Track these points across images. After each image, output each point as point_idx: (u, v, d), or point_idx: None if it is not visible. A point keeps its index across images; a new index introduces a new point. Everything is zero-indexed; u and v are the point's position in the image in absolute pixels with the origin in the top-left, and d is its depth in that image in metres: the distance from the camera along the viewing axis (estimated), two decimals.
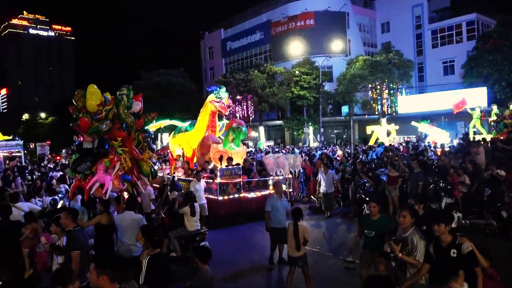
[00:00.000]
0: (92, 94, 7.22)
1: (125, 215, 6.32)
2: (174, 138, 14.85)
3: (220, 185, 11.10)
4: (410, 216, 4.69)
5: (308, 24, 38.85)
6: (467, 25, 35.29)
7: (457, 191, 9.78)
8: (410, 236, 4.56)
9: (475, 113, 20.89)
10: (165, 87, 40.77)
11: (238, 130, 12.33)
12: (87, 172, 7.33)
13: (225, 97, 13.02)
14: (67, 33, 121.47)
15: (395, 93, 34.91)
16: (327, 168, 12.03)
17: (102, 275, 3.03)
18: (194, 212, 7.78)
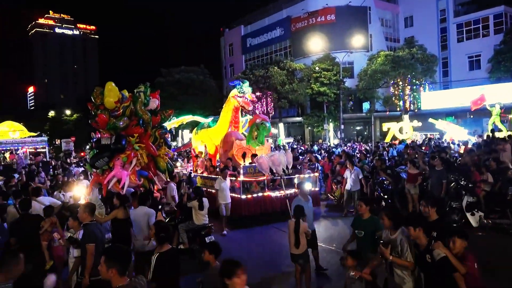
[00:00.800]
0: (110, 91, 7.36)
1: (138, 210, 6.47)
2: (197, 135, 14.57)
3: (243, 183, 10.71)
4: (387, 219, 4.66)
5: (328, 19, 38.40)
6: (494, 18, 34.09)
7: (479, 189, 9.48)
8: (398, 237, 4.48)
9: (495, 109, 20.35)
10: (185, 84, 41.16)
11: (262, 126, 11.86)
12: (105, 167, 7.48)
13: (248, 91, 12.58)
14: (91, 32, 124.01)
15: (418, 89, 34.11)
16: (353, 165, 11.63)
17: (111, 269, 3.08)
18: (203, 207, 8.02)
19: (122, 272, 3.14)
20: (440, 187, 10.13)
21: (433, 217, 4.86)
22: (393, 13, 41.29)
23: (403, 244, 4.39)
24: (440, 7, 37.82)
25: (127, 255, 3.31)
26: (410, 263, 4.35)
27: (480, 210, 9.18)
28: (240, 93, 12.48)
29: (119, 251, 3.34)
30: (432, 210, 4.88)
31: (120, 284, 3.11)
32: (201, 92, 41.70)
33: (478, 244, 8.39)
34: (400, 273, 4.43)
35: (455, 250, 3.95)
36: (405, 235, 4.47)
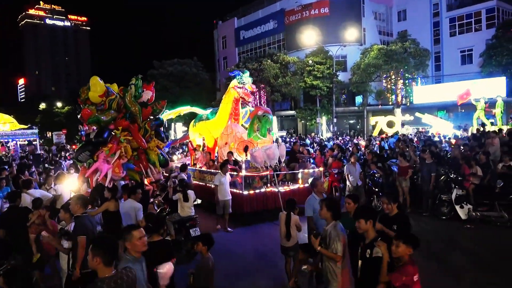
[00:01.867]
0: (94, 85, 7.38)
1: (126, 202, 6.50)
2: (195, 127, 14.03)
3: (246, 179, 10.21)
4: (326, 209, 4.58)
5: (322, 12, 38.31)
6: (486, 12, 34.26)
7: (468, 182, 9.61)
8: (329, 229, 4.47)
9: (479, 104, 20.65)
10: (178, 77, 40.94)
11: (265, 118, 11.29)
12: (90, 161, 7.48)
13: (248, 82, 12.02)
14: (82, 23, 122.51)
15: (410, 83, 34.28)
16: (356, 160, 11.34)
17: (96, 257, 3.09)
18: (187, 199, 8.14)
19: (107, 262, 3.13)
20: (430, 180, 10.27)
21: (394, 212, 4.96)
22: (386, 7, 41.29)
23: (331, 236, 4.37)
24: (434, 1, 37.90)
25: (113, 245, 3.26)
26: (336, 256, 4.31)
27: (469, 203, 9.32)
28: (240, 83, 11.97)
29: (106, 240, 3.33)
30: (394, 205, 4.95)
31: (106, 275, 3.08)
32: (194, 85, 41.52)
33: (467, 236, 8.55)
34: (328, 264, 4.43)
35: (396, 255, 3.76)
36: (338, 227, 4.44)
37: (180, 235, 7.99)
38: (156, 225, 4.55)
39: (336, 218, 4.56)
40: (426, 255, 7.40)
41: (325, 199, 4.91)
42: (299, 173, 11.04)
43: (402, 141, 15.89)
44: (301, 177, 10.97)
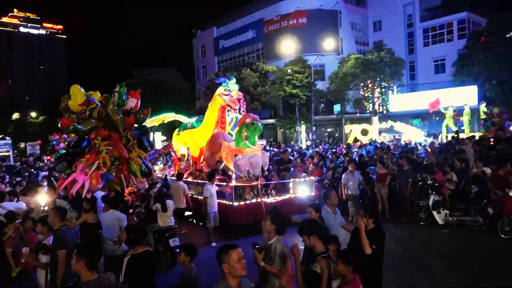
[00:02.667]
0: (74, 94, 7.21)
1: (109, 213, 6.38)
2: (179, 136, 13.61)
3: (236, 189, 9.78)
4: (270, 222, 4.35)
5: (300, 22, 38.87)
6: (458, 23, 35.53)
7: (444, 188, 9.88)
8: (273, 243, 4.26)
9: (448, 112, 21.56)
10: (157, 86, 40.64)
11: (253, 126, 10.82)
12: (69, 171, 7.32)
13: (234, 89, 11.81)
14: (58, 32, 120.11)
15: (386, 91, 35.08)
16: (354, 168, 11.06)
17: (80, 261, 3.37)
18: (166, 209, 8.09)
19: (91, 267, 3.41)
20: (407, 186, 10.53)
21: (370, 227, 4.74)
22: (362, 17, 42.28)
23: (276, 252, 4.19)
24: (407, 12, 39.05)
25: (96, 251, 3.59)
26: (279, 272, 4.13)
27: (446, 208, 9.58)
28: (226, 91, 11.74)
29: (88, 246, 3.70)
30: (370, 220, 4.75)
31: (89, 279, 3.36)
32: (174, 94, 41.29)
33: (444, 241, 8.77)
34: (273, 280, 4.20)
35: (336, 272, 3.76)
36: (282, 242, 4.27)
37: (159, 245, 7.92)
38: (139, 236, 4.48)
39: (280, 233, 4.35)
40: (405, 259, 7.55)
41: (270, 211, 4.66)
42: (290, 183, 10.78)
43: (380, 149, 16.20)
44: (292, 186, 10.72)
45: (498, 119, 18.41)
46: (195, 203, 10.59)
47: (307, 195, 10.63)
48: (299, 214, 10.23)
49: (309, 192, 10.77)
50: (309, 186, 10.88)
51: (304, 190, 10.64)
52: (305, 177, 11.28)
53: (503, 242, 8.32)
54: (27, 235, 6.08)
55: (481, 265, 7.16)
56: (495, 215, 8.80)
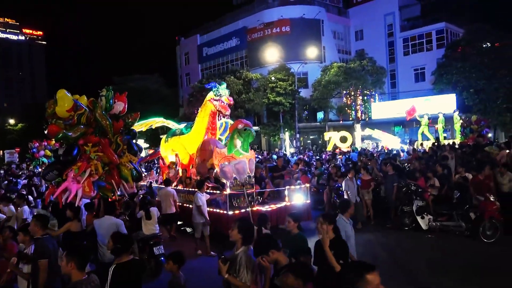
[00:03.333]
0: (61, 99, 6.94)
1: (104, 220, 6.24)
2: (167, 143, 13.14)
3: (230, 197, 9.30)
4: (237, 231, 4.14)
5: (283, 31, 39.26)
6: (436, 33, 36.52)
7: (427, 194, 10.03)
8: (240, 254, 4.06)
9: (423, 120, 22.41)
10: (140, 93, 40.30)
11: (246, 132, 10.37)
12: (59, 179, 7.10)
13: (225, 94, 11.45)
14: (38, 37, 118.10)
15: (368, 99, 35.66)
16: (354, 174, 10.87)
17: (70, 262, 3.50)
18: (150, 216, 8.00)
19: (81, 267, 3.56)
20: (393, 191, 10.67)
21: (330, 236, 4.44)
22: (344, 27, 43.02)
23: (241, 263, 3.98)
24: (388, 22, 39.93)
25: (86, 251, 3.77)
26: (244, 285, 3.91)
27: (429, 213, 9.71)
28: (217, 96, 11.39)
29: (78, 246, 3.77)
30: (329, 227, 4.47)
31: (80, 279, 3.51)
32: (157, 101, 41.02)
33: (428, 246, 8.89)
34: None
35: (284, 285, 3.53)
36: (249, 254, 4.06)
37: (143, 253, 7.80)
38: (126, 244, 4.37)
39: (247, 242, 4.15)
40: (390, 264, 7.62)
41: (238, 220, 4.46)
42: (285, 190, 10.41)
43: (364, 155, 16.39)
44: (288, 194, 10.36)
45: (476, 126, 19.08)
46: (186, 212, 10.29)
47: (303, 203, 10.43)
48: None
49: (304, 200, 10.55)
50: (304, 194, 10.66)
51: (299, 198, 10.43)
52: (300, 184, 11.04)
53: (485, 246, 8.48)
54: (6, 244, 5.88)
55: (464, 269, 7.27)
56: (477, 220, 8.97)
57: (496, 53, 28.53)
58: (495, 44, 29.36)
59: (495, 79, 27.86)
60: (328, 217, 4.67)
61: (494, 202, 8.90)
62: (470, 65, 28.68)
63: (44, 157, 25.48)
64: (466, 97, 29.61)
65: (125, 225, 8.30)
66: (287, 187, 10.49)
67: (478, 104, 28.81)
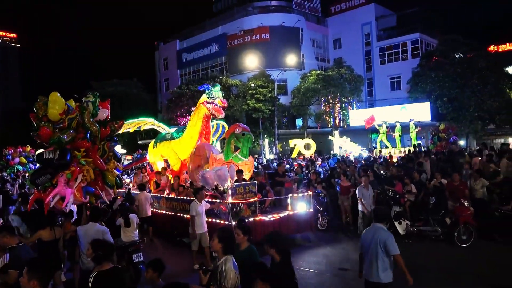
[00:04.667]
0: (54, 102, 6.78)
1: (89, 226, 6.08)
2: (156, 148, 12.50)
3: (232, 207, 8.65)
4: (218, 240, 4.06)
5: (263, 38, 39.56)
6: (411, 43, 37.58)
7: (404, 199, 10.25)
8: (221, 265, 3.97)
9: (382, 128, 23.60)
10: (118, 98, 39.70)
11: (245, 137, 9.99)
12: (47, 184, 6.91)
13: (218, 96, 10.94)
14: (12, 40, 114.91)
15: (346, 106, 36.25)
16: (368, 179, 10.36)
17: (32, 280, 3.22)
18: (129, 223, 7.84)
19: (44, 285, 3.29)
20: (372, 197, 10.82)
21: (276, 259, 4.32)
22: (323, 35, 43.73)
23: (223, 274, 3.91)
24: (365, 31, 40.84)
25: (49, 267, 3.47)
26: None
27: (407, 219, 9.90)
28: (210, 98, 10.87)
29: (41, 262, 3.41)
30: (272, 250, 4.32)
31: None
32: (135, 106, 40.44)
33: (406, 251, 9.05)
34: None
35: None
36: (230, 263, 3.96)
37: (122, 261, 7.65)
38: (107, 251, 4.28)
39: (228, 252, 4.07)
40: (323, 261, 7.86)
41: (219, 229, 4.41)
42: (288, 199, 9.77)
43: (342, 162, 16.60)
44: (290, 202, 9.72)
45: (444, 134, 19.98)
46: (182, 222, 9.73)
47: (306, 211, 9.92)
48: (298, 233, 9.90)
49: (307, 208, 9.96)
50: (307, 202, 9.99)
51: (302, 206, 9.85)
52: (303, 191, 10.45)
53: (460, 250, 8.71)
54: None
55: (439, 272, 7.46)
56: (452, 225, 9.22)
57: (468, 63, 29.54)
58: (467, 55, 30.40)
59: (467, 88, 28.81)
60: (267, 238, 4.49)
61: (468, 208, 9.18)
62: (443, 74, 29.57)
63: (19, 164, 24.72)
64: (440, 106, 30.49)
65: None
66: (290, 195, 9.87)
67: (451, 112, 29.70)
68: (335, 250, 9.39)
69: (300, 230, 9.89)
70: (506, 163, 11.11)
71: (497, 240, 8.97)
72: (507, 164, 11.04)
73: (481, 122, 29.47)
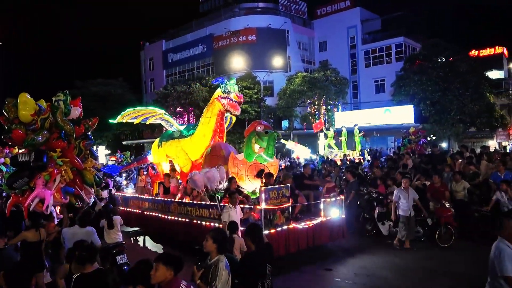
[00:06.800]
0: (24, 103, 6.66)
1: (75, 228, 6.01)
2: (161, 148, 11.49)
3: (266, 214, 7.67)
4: (212, 241, 4.11)
5: (250, 39, 39.64)
6: (395, 47, 38.18)
7: (387, 200, 10.41)
8: (213, 263, 4.04)
9: (329, 133, 24.93)
10: (103, 98, 39.27)
11: (270, 135, 9.06)
12: (25, 187, 6.79)
13: (234, 91, 10.04)
14: None
15: (332, 108, 36.58)
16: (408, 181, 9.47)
17: None
18: (112, 225, 7.74)
19: None
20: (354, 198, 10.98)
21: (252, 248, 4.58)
22: (309, 38, 44.06)
23: (214, 272, 3.96)
24: (350, 34, 41.31)
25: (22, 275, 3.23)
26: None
27: (389, 219, 10.07)
28: (225, 93, 9.98)
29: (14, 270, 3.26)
30: (247, 240, 4.60)
31: None
32: (120, 106, 40.01)
33: (388, 251, 9.20)
34: None
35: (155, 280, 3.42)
36: (222, 263, 4.03)
37: (106, 262, 7.59)
38: (90, 253, 4.24)
39: (222, 251, 4.13)
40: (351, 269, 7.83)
41: (212, 230, 4.43)
42: (320, 204, 8.94)
43: (327, 163, 16.77)
44: (323, 208, 8.90)
45: (413, 137, 21.01)
46: (199, 229, 8.73)
47: (339, 217, 9.21)
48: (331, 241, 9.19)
49: (340, 214, 9.23)
50: (339, 207, 9.27)
51: (335, 212, 9.11)
52: (335, 195, 9.55)
53: (442, 250, 8.90)
54: None
55: (420, 272, 7.63)
56: (434, 225, 9.42)
57: (450, 67, 30.14)
58: (449, 59, 31.02)
59: (449, 92, 29.39)
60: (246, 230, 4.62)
61: (449, 209, 9.40)
62: (426, 78, 30.08)
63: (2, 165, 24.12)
64: (423, 109, 31.01)
65: None
66: (323, 200, 9.00)
67: (434, 115, 30.25)
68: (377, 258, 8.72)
69: (333, 238, 9.16)
70: (485, 165, 11.41)
71: (476, 240, 9.20)
72: (486, 166, 11.34)
73: (462, 125, 30.08)
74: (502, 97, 36.46)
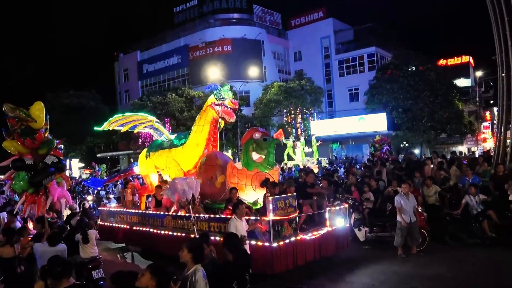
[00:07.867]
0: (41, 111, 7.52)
1: (46, 247, 5.88)
2: (149, 159, 10.89)
3: (274, 225, 7.31)
4: (187, 250, 4.07)
5: (225, 50, 39.87)
6: (368, 56, 39.22)
7: (362, 206, 10.64)
8: (190, 274, 3.96)
9: (288, 142, 25.77)
10: (75, 110, 38.50)
11: (269, 142, 8.72)
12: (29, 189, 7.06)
13: (228, 97, 9.59)
14: None
15: (307, 117, 37.09)
16: (408, 186, 9.30)
17: None
18: (87, 240, 7.57)
19: None
20: None
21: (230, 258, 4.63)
22: (284, 48, 44.72)
23: (192, 283, 3.90)
24: (324, 44, 42.19)
25: None
26: None
27: (365, 225, 10.27)
28: (219, 100, 9.56)
29: None
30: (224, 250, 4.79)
31: None
32: (94, 119, 39.33)
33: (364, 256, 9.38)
34: None
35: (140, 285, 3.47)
36: (199, 274, 3.95)
37: (81, 277, 7.43)
38: (65, 268, 4.15)
39: (198, 261, 4.09)
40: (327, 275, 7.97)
41: (188, 240, 4.48)
42: (325, 213, 8.63)
43: (304, 171, 16.96)
44: (329, 217, 8.58)
45: (378, 145, 22.80)
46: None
47: (344, 227, 9.01)
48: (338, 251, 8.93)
49: (345, 223, 9.04)
50: (344, 216, 9.05)
51: (341, 221, 8.88)
52: (339, 204, 9.33)
53: (415, 254, 9.13)
54: None
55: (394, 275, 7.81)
56: None
57: (420, 76, 31.17)
58: (419, 68, 32.09)
59: (420, 100, 30.34)
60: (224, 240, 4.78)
61: (422, 213, 9.68)
62: (398, 86, 30.97)
63: None
64: (395, 116, 31.86)
65: None
66: (328, 209, 8.70)
67: (406, 123, 31.13)
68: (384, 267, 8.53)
69: (339, 248, 8.93)
70: (455, 170, 11.85)
71: (448, 242, 9.49)
72: (455, 171, 11.77)
73: (433, 131, 31.06)
74: (469, 104, 37.96)
